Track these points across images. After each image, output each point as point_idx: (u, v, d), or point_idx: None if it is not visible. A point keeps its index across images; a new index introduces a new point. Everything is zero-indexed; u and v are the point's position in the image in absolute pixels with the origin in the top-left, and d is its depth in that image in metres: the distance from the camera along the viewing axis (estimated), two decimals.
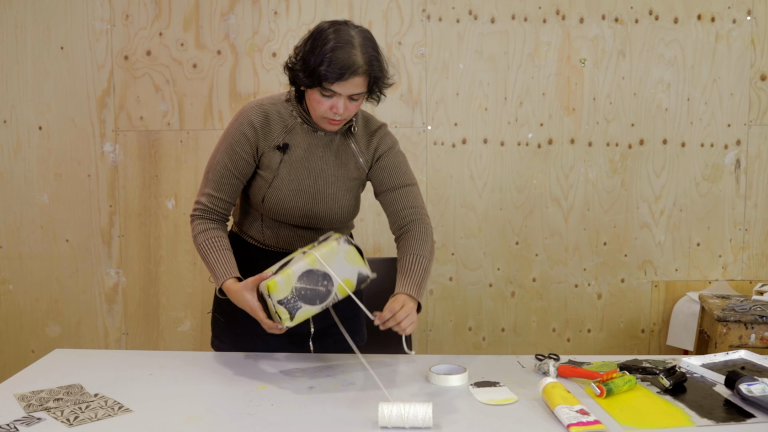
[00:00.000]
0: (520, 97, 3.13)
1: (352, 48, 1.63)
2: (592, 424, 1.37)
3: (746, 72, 3.09)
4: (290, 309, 1.60)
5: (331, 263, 1.61)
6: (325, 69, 1.62)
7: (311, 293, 1.61)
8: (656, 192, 3.16)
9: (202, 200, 1.83)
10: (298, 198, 1.81)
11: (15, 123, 3.17)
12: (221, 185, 1.81)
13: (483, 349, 3.24)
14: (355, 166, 1.86)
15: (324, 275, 1.61)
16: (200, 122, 3.15)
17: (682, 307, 3.11)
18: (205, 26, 3.11)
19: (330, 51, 1.62)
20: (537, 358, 1.76)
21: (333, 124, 1.73)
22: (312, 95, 1.70)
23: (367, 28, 1.72)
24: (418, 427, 1.40)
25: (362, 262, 1.64)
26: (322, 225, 1.86)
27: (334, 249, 1.62)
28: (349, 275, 1.63)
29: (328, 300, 1.62)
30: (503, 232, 3.18)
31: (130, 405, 1.52)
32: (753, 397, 1.48)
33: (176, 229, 3.19)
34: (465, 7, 3.09)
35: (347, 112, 1.70)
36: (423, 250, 1.77)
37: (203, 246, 1.79)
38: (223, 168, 1.80)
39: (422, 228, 1.81)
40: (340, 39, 1.63)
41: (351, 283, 1.64)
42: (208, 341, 3.20)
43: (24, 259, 3.22)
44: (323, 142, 1.82)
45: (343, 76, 1.62)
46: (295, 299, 1.59)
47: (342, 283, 1.62)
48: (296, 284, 1.59)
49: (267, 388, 1.62)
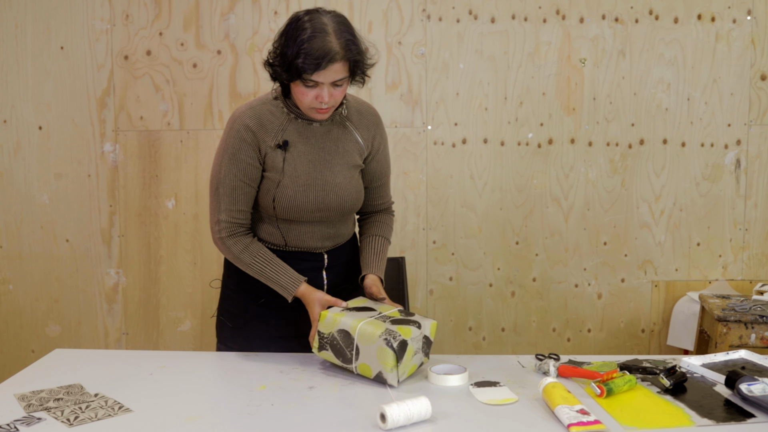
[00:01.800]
0: (520, 97, 3.13)
1: (326, 35, 1.63)
2: (592, 424, 1.37)
3: (746, 72, 3.09)
4: (321, 343, 1.69)
5: (364, 343, 1.62)
6: (302, 61, 1.62)
7: (340, 349, 1.66)
8: (656, 192, 3.16)
9: (223, 218, 1.79)
10: (308, 193, 1.79)
11: (15, 123, 3.17)
12: (236, 197, 1.78)
13: (483, 349, 3.24)
14: (357, 151, 1.86)
15: (356, 347, 1.63)
16: (200, 122, 3.15)
17: (683, 307, 3.11)
18: (205, 26, 3.11)
19: (305, 42, 1.62)
20: (537, 358, 1.76)
21: (322, 112, 1.74)
22: (296, 88, 1.70)
23: (340, 13, 1.71)
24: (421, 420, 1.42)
25: (390, 367, 1.59)
26: (334, 216, 1.86)
27: (374, 337, 1.61)
28: (372, 365, 1.62)
29: (349, 366, 1.66)
30: (503, 232, 3.18)
31: (130, 405, 1.52)
32: (753, 396, 1.48)
33: (176, 229, 3.19)
34: (465, 6, 3.09)
35: (333, 99, 1.70)
36: (389, 234, 2.00)
37: (254, 263, 1.79)
38: (232, 179, 1.77)
39: (390, 217, 2.03)
40: (313, 28, 1.63)
41: (369, 370, 1.63)
42: (208, 341, 3.21)
43: (24, 259, 3.22)
44: (321, 133, 1.82)
45: (321, 65, 1.62)
46: (327, 341, 1.68)
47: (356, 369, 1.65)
48: (335, 333, 1.66)
49: (267, 388, 1.62)
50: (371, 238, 1.96)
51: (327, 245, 1.89)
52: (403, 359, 1.60)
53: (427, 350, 1.71)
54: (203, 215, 3.18)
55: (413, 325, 1.67)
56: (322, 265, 1.90)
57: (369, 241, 1.95)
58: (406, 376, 1.65)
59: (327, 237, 1.88)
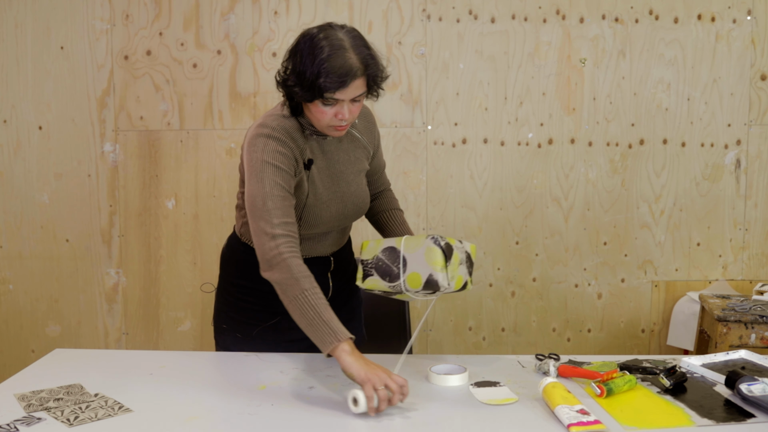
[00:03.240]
0: (520, 97, 3.12)
1: (345, 52, 1.58)
2: (592, 424, 1.37)
3: (746, 72, 3.09)
4: (365, 271, 1.69)
5: (410, 251, 1.63)
6: (324, 80, 1.57)
7: (385, 268, 1.66)
8: (656, 192, 3.16)
9: (279, 232, 1.62)
10: (331, 207, 1.80)
11: (15, 123, 3.17)
12: (287, 210, 1.66)
13: (483, 349, 3.24)
14: (365, 156, 1.89)
15: (403, 258, 1.63)
16: (200, 122, 3.15)
17: (683, 307, 3.11)
18: (205, 26, 3.10)
19: (325, 61, 1.56)
20: (537, 358, 1.76)
21: (341, 129, 1.70)
22: (314, 107, 1.64)
23: (352, 27, 1.68)
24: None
25: (440, 266, 1.58)
26: (349, 223, 1.91)
27: (420, 242, 1.63)
28: (421, 271, 1.62)
29: (396, 283, 1.64)
30: (503, 232, 3.18)
31: (130, 405, 1.52)
32: (753, 397, 1.48)
33: (176, 229, 3.19)
34: (465, 6, 3.09)
35: (352, 115, 1.67)
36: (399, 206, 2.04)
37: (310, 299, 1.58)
38: (280, 191, 1.65)
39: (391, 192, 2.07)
40: (332, 45, 1.57)
41: (419, 278, 1.62)
42: (208, 341, 3.20)
43: (24, 258, 3.22)
44: (334, 147, 1.81)
45: (345, 83, 1.58)
46: (372, 266, 1.68)
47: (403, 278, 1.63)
48: (379, 254, 1.67)
49: (267, 388, 1.62)
50: (388, 213, 2.00)
51: (334, 250, 1.92)
52: (451, 262, 1.61)
53: (471, 269, 1.71)
54: (203, 215, 3.18)
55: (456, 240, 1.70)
56: (329, 269, 1.91)
57: (389, 216, 1.99)
58: (455, 286, 1.64)
59: (334, 243, 1.91)
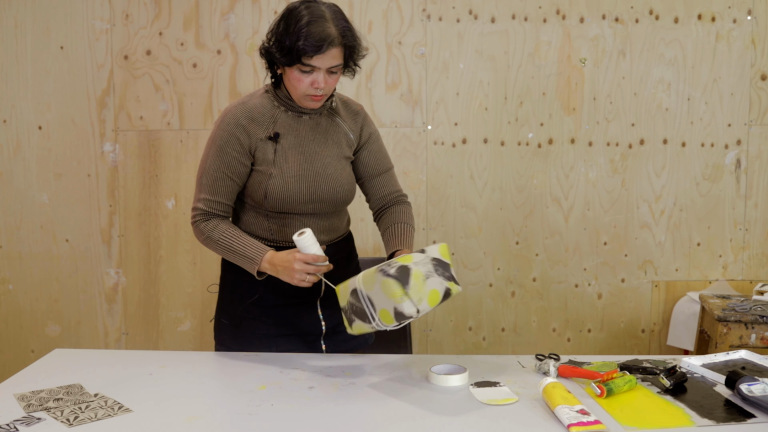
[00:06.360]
0: (520, 97, 3.12)
1: (325, 21, 1.69)
2: (592, 424, 1.37)
3: (746, 72, 3.09)
4: (348, 318, 1.65)
5: (370, 289, 1.57)
6: (303, 43, 1.67)
7: (359, 311, 1.61)
8: (656, 192, 3.16)
9: (200, 205, 1.84)
10: (300, 183, 1.82)
11: (15, 123, 3.17)
12: (216, 188, 1.82)
13: (483, 349, 3.24)
14: (347, 143, 1.91)
15: (368, 298, 1.58)
16: (200, 122, 3.15)
17: (683, 307, 3.11)
18: (205, 26, 3.10)
19: (304, 27, 1.67)
20: (537, 358, 1.76)
21: (315, 100, 1.78)
22: (291, 74, 1.74)
23: (335, 4, 1.77)
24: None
25: (399, 296, 1.52)
26: (327, 208, 1.88)
27: (373, 278, 1.56)
28: (386, 306, 1.55)
29: (375, 323, 1.58)
30: (503, 232, 3.18)
31: (130, 405, 1.52)
32: (753, 397, 1.48)
33: (176, 229, 3.19)
34: (465, 6, 3.09)
35: (328, 86, 1.75)
36: (411, 221, 1.97)
37: (222, 239, 1.80)
38: (215, 170, 1.81)
39: (406, 206, 2.00)
40: (312, 14, 1.70)
41: (388, 313, 1.55)
42: (208, 341, 3.20)
43: (24, 258, 3.22)
44: (310, 125, 1.86)
45: (321, 48, 1.68)
46: (350, 311, 1.64)
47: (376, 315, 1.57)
48: (350, 298, 1.63)
49: (267, 388, 1.62)
50: (393, 227, 1.93)
51: (323, 239, 1.89)
52: (411, 284, 1.52)
53: (448, 274, 1.61)
54: None
55: (417, 252, 1.62)
56: None
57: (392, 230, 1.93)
58: (429, 304, 1.55)
59: (321, 230, 1.88)
